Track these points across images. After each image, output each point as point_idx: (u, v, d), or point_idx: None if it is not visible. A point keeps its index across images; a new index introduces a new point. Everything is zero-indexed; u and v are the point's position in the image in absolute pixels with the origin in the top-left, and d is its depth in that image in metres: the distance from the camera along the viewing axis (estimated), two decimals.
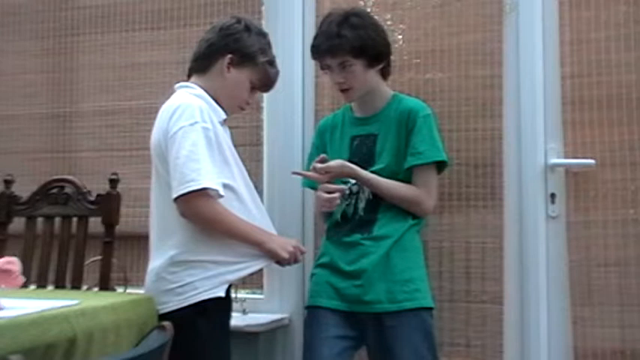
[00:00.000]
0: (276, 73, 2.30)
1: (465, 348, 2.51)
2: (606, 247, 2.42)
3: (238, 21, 2.25)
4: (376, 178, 2.28)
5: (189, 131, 2.03)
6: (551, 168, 2.47)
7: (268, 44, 2.27)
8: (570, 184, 2.47)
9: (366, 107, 2.40)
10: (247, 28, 2.23)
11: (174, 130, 2.04)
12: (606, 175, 2.44)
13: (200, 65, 2.23)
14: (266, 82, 2.28)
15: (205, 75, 2.22)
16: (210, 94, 2.18)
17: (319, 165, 2.28)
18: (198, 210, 2.03)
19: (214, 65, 2.21)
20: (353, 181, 2.34)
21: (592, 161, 2.43)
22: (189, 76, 2.26)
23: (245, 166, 2.23)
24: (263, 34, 2.28)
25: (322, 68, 2.39)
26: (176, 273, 2.07)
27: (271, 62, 2.27)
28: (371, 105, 2.39)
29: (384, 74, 2.40)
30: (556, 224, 2.46)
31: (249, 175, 2.23)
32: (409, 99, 2.39)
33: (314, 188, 2.44)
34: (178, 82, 2.26)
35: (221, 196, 2.05)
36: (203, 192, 2.00)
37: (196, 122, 2.04)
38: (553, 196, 2.47)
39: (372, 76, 2.35)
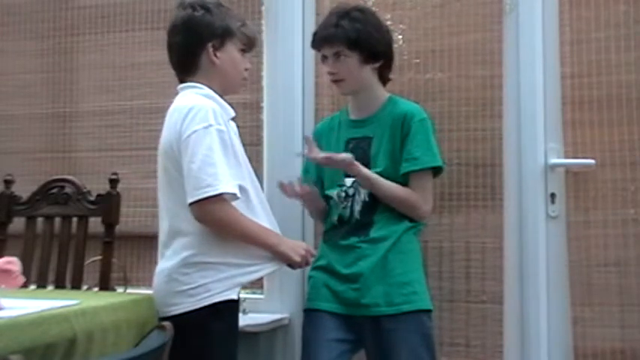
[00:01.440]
0: (253, 29, 2.28)
1: (465, 348, 2.51)
2: (606, 247, 2.42)
3: (192, 7, 2.17)
4: (377, 178, 2.27)
5: (204, 135, 2.01)
6: (551, 168, 2.47)
7: (228, 9, 2.24)
8: (570, 184, 2.47)
9: (361, 109, 2.40)
10: (206, 9, 2.17)
11: (187, 134, 2.02)
12: (606, 175, 2.44)
13: (187, 69, 2.19)
14: (250, 42, 2.25)
15: (198, 73, 2.18)
16: (214, 88, 2.16)
17: (329, 154, 2.25)
18: (213, 215, 2.03)
19: (200, 61, 2.17)
20: (349, 184, 2.33)
21: (592, 161, 2.43)
22: (182, 82, 2.22)
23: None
24: (219, 5, 2.22)
25: (322, 60, 2.39)
26: (189, 274, 2.06)
27: (244, 23, 2.24)
28: (366, 107, 2.38)
29: (383, 78, 2.39)
30: (556, 224, 2.46)
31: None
32: (405, 102, 2.38)
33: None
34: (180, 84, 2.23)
35: (237, 199, 2.04)
36: (219, 197, 2.00)
37: (210, 125, 2.02)
38: (553, 196, 2.47)
39: (367, 73, 2.34)
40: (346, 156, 2.27)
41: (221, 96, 2.17)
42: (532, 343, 2.44)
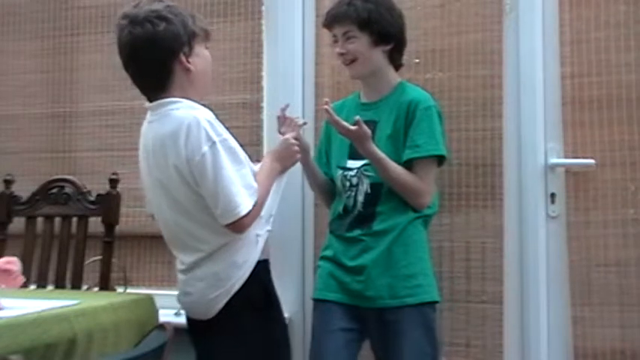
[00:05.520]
0: (202, 19, 2.20)
1: (465, 348, 2.51)
2: (606, 247, 2.42)
3: (151, 22, 2.05)
4: (386, 159, 2.25)
5: (212, 155, 1.99)
6: (551, 168, 2.47)
7: (179, 9, 2.12)
8: (570, 184, 2.47)
9: (371, 93, 2.39)
10: (165, 20, 2.06)
11: (197, 158, 1.99)
12: (606, 175, 2.44)
13: (161, 86, 2.09)
14: (207, 34, 2.18)
15: (173, 86, 2.10)
16: (190, 96, 2.10)
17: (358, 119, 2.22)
18: (249, 225, 2.07)
19: (173, 74, 2.08)
20: (353, 173, 2.33)
21: (592, 161, 2.43)
22: (150, 99, 2.14)
23: None
24: (169, 7, 2.11)
25: (333, 43, 2.38)
26: (240, 268, 2.10)
27: (195, 17, 2.15)
28: (375, 90, 2.38)
29: (395, 62, 2.38)
30: (556, 224, 2.46)
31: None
32: (414, 89, 2.37)
33: (326, 173, 2.45)
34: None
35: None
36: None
37: (214, 143, 2.00)
38: (553, 196, 2.47)
39: (378, 55, 2.33)
40: (368, 130, 2.23)
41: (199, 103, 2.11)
42: (532, 343, 2.44)
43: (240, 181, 2.03)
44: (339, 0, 2.35)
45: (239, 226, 2.04)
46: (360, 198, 2.31)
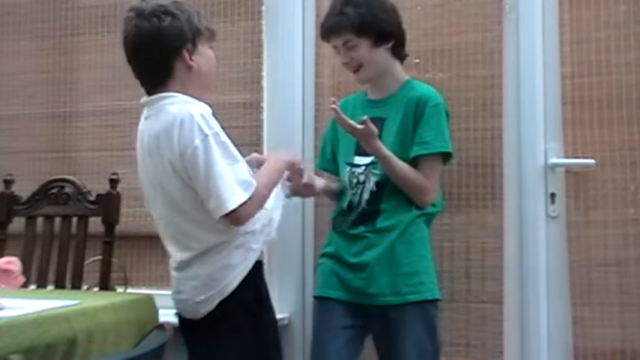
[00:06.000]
0: (207, 18, 2.20)
1: (465, 348, 2.51)
2: (606, 247, 2.42)
3: (157, 17, 2.05)
4: (392, 156, 2.25)
5: (204, 148, 1.98)
6: (551, 168, 2.47)
7: (184, 6, 2.12)
8: (570, 184, 2.47)
9: (378, 90, 2.39)
10: (171, 15, 2.06)
11: (190, 151, 1.98)
12: (606, 175, 2.44)
13: (161, 81, 2.09)
14: (212, 33, 2.18)
15: (172, 82, 2.09)
16: (190, 93, 2.09)
17: (365, 118, 2.20)
18: (246, 217, 2.05)
19: (174, 70, 2.08)
20: (360, 170, 2.33)
21: (592, 161, 2.43)
22: (149, 93, 2.14)
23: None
24: (176, 3, 2.10)
25: (335, 52, 2.38)
26: (233, 269, 2.09)
27: (200, 14, 2.15)
28: (383, 87, 2.37)
29: (399, 56, 2.38)
30: (556, 224, 2.46)
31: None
32: (422, 86, 2.36)
33: (330, 170, 2.45)
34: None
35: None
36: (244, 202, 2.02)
37: (207, 135, 1.99)
38: (553, 196, 2.47)
39: (382, 55, 2.32)
40: (375, 129, 2.22)
41: (198, 100, 2.10)
42: (532, 343, 2.44)
43: (233, 176, 2.02)
44: (330, 10, 2.35)
45: (233, 218, 2.01)
46: (366, 196, 2.31)
